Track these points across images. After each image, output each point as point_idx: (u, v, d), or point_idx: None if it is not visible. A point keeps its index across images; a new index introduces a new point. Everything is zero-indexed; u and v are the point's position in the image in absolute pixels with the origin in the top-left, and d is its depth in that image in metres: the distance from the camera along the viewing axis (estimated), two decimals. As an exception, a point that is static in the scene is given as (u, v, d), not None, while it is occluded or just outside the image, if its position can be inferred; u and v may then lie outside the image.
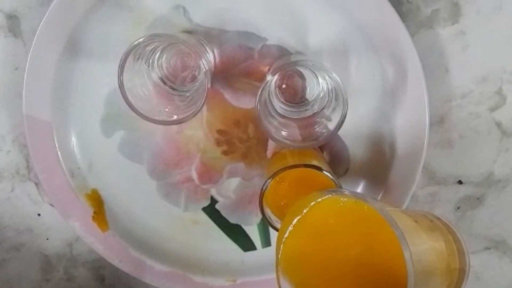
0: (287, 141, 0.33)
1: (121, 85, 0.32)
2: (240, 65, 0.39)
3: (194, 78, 0.38)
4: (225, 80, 0.40)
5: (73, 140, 0.42)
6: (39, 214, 0.47)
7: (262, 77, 0.39)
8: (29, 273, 0.50)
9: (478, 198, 0.43)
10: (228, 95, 0.40)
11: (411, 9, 0.37)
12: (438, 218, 0.32)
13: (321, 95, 0.37)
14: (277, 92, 0.38)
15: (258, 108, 0.32)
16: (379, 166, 0.40)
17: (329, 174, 0.34)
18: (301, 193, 0.35)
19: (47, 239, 0.48)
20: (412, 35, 0.37)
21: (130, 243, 0.45)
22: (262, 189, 0.35)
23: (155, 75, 0.37)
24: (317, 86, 0.37)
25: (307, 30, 0.38)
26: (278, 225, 0.36)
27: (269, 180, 0.34)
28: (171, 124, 0.34)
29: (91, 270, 0.49)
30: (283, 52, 0.39)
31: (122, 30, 0.38)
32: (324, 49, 0.38)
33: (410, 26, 0.38)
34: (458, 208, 0.44)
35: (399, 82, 0.38)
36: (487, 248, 0.46)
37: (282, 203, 0.36)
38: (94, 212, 0.44)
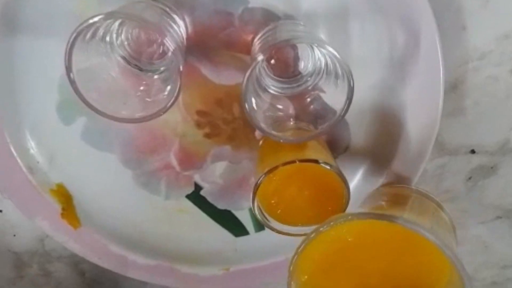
0: (280, 134, 0.28)
1: (68, 71, 0.26)
2: (219, 35, 0.32)
3: (163, 55, 0.32)
4: (201, 53, 0.33)
5: (27, 131, 0.36)
6: (1, 211, 0.41)
7: (245, 47, 0.33)
8: (1, 271, 0.45)
9: (492, 168, 0.39)
10: (206, 71, 0.34)
11: (423, -43, 0.30)
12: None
13: (317, 67, 0.31)
14: (266, 67, 0.32)
15: (246, 96, 0.26)
16: (384, 143, 0.35)
17: (327, 166, 0.29)
18: (298, 188, 0.31)
19: (14, 235, 0.43)
20: (423, -12, 0.31)
21: (107, 238, 0.40)
22: (254, 187, 0.29)
23: (116, 53, 0.30)
24: (312, 58, 0.31)
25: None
26: (272, 224, 0.31)
27: (262, 178, 0.29)
28: (136, 122, 0.27)
29: (69, 265, 0.45)
30: (269, 16, 0.32)
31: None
32: (320, 11, 0.31)
33: (422, -22, 0.31)
34: (470, 178, 0.40)
35: (410, 49, 0.32)
36: (499, 217, 0.42)
37: (274, 201, 0.31)
38: (62, 209, 0.38)
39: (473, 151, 0.39)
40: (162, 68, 0.32)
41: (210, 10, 0.31)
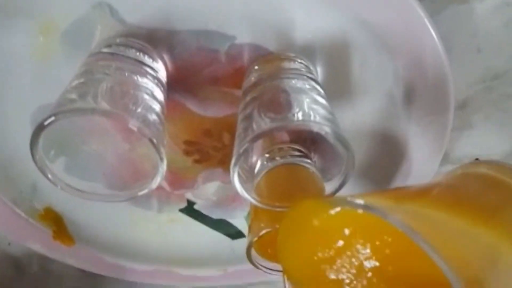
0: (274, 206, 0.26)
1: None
2: (203, 71, 0.29)
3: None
4: (185, 89, 0.30)
5: (6, 164, 0.34)
6: (-9, 224, 0.40)
7: (234, 82, 0.29)
8: (1, 271, 0.45)
9: (495, 174, 0.38)
10: (191, 105, 0.31)
11: (440, -20, 0.26)
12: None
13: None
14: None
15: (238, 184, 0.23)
16: (385, 168, 0.33)
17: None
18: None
19: (9, 244, 0.43)
20: (438, 12, 0.27)
21: (103, 251, 0.40)
22: (247, 248, 0.28)
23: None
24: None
25: (292, 25, 0.26)
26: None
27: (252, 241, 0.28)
28: (116, 201, 0.25)
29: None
30: (259, 51, 0.28)
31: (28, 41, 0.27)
32: (317, 45, 0.27)
33: (436, 2, 0.27)
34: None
35: (417, 76, 0.28)
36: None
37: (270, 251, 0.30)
38: (54, 231, 0.37)
39: (477, 159, 0.37)
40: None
41: (192, 48, 0.27)
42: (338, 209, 0.20)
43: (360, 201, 0.18)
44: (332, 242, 0.21)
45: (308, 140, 0.31)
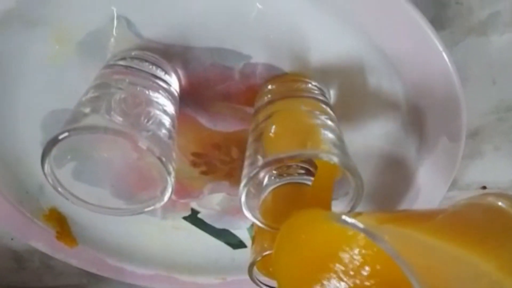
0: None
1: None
2: (216, 87, 0.29)
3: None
4: (197, 104, 0.30)
5: (13, 165, 0.34)
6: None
7: (246, 99, 0.29)
8: (1, 263, 0.46)
9: (501, 202, 0.37)
10: (202, 119, 0.31)
11: (460, 12, 0.26)
12: None
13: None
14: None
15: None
16: (390, 197, 0.33)
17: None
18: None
19: (12, 239, 0.43)
20: (456, 43, 0.26)
21: (105, 253, 0.40)
22: (249, 266, 0.28)
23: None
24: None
25: (307, 47, 0.26)
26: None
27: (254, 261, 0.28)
28: (122, 216, 0.26)
29: (69, 261, 0.45)
30: (273, 71, 0.28)
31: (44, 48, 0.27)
32: (331, 68, 0.27)
33: (455, 33, 0.27)
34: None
35: (430, 112, 0.28)
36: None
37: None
38: (57, 232, 0.38)
39: (484, 187, 0.37)
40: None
41: (206, 64, 0.27)
42: (327, 224, 0.19)
43: (351, 220, 0.18)
44: (320, 257, 0.21)
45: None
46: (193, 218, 0.38)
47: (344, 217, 0.18)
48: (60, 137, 0.21)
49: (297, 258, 0.22)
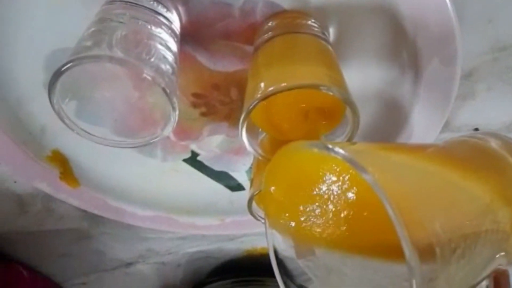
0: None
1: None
2: (216, 25, 0.29)
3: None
4: (196, 42, 0.30)
5: (15, 106, 0.34)
6: (-2, 162, 0.41)
7: (246, 37, 0.30)
8: (3, 207, 0.47)
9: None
10: (202, 58, 0.31)
11: None
12: None
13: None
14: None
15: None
16: (385, 136, 0.34)
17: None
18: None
19: (15, 182, 0.44)
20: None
21: (106, 194, 0.41)
22: (248, 200, 0.30)
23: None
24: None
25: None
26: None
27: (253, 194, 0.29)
28: (126, 147, 0.26)
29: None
30: (273, 8, 0.28)
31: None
32: (331, 6, 0.28)
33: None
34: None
35: (426, 40, 0.29)
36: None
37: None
38: (60, 172, 0.39)
39: (476, 129, 0.38)
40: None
41: (206, 1, 0.27)
42: (314, 151, 0.20)
43: (338, 149, 0.18)
44: (306, 181, 0.22)
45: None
46: (193, 160, 0.39)
47: (328, 144, 0.19)
48: (64, 68, 0.21)
49: (285, 184, 0.23)
